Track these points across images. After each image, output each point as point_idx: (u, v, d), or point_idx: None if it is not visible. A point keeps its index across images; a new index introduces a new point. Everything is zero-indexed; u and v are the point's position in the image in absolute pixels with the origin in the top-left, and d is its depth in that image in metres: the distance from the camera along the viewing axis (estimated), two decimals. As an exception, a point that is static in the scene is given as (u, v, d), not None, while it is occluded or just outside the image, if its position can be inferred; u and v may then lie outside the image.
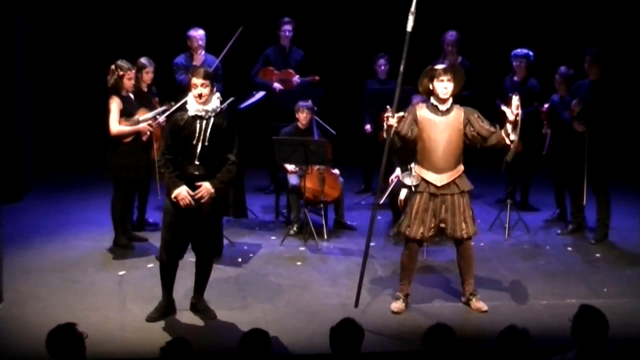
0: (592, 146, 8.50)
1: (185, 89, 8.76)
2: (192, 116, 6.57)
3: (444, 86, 6.78)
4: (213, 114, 6.57)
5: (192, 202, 6.46)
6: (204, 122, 6.54)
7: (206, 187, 6.48)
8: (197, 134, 6.52)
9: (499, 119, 9.39)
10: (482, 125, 6.84)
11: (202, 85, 6.52)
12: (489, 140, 6.85)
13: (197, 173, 6.52)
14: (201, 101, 6.53)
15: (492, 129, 6.85)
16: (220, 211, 6.89)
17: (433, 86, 6.81)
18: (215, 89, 6.68)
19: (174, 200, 6.47)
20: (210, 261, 6.82)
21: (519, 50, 9.53)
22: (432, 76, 6.81)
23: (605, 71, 8.56)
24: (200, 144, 6.51)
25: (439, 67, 6.90)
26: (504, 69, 9.71)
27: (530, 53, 9.48)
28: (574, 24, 11.32)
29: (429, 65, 7.09)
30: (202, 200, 6.48)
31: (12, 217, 8.86)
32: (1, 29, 9.69)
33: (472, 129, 6.83)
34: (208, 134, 6.52)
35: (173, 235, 6.61)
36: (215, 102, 6.62)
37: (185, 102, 6.71)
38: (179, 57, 9.74)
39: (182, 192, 6.43)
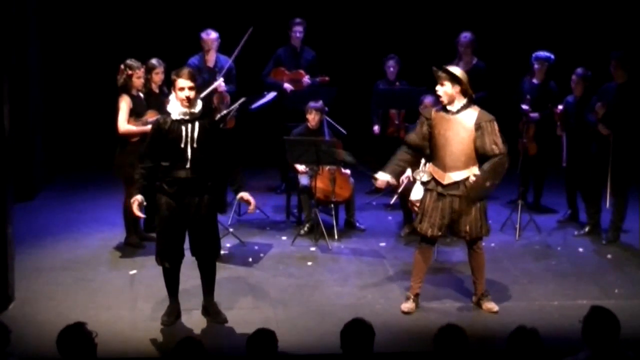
0: (616, 149, 8.46)
1: (198, 89, 8.81)
2: (177, 120, 6.45)
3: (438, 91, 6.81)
4: (198, 116, 6.46)
5: (141, 216, 6.59)
6: (189, 125, 6.42)
7: (252, 202, 6.63)
8: (184, 138, 6.39)
9: (522, 121, 9.27)
10: (485, 141, 6.74)
11: (189, 88, 6.39)
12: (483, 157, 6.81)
13: (187, 177, 6.43)
14: (187, 104, 6.42)
15: (490, 150, 6.75)
16: (216, 212, 6.77)
17: None
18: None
19: (132, 202, 6.49)
20: (212, 262, 6.70)
21: (540, 52, 9.39)
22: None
23: (631, 74, 8.51)
24: (189, 148, 6.41)
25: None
26: (519, 70, 9.66)
27: (552, 56, 9.38)
28: (590, 26, 11.26)
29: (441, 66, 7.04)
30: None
31: (24, 216, 8.89)
32: (14, 30, 9.71)
33: (478, 134, 6.79)
34: (196, 137, 6.41)
35: (169, 240, 6.55)
36: (199, 104, 6.52)
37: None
38: (193, 58, 9.72)
39: (135, 203, 6.45)
